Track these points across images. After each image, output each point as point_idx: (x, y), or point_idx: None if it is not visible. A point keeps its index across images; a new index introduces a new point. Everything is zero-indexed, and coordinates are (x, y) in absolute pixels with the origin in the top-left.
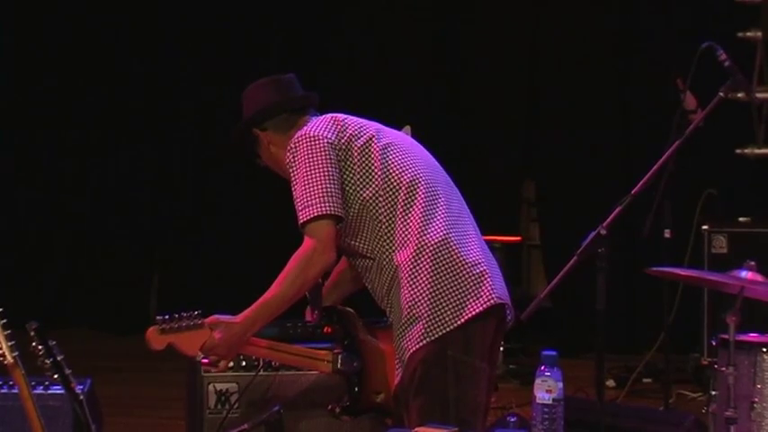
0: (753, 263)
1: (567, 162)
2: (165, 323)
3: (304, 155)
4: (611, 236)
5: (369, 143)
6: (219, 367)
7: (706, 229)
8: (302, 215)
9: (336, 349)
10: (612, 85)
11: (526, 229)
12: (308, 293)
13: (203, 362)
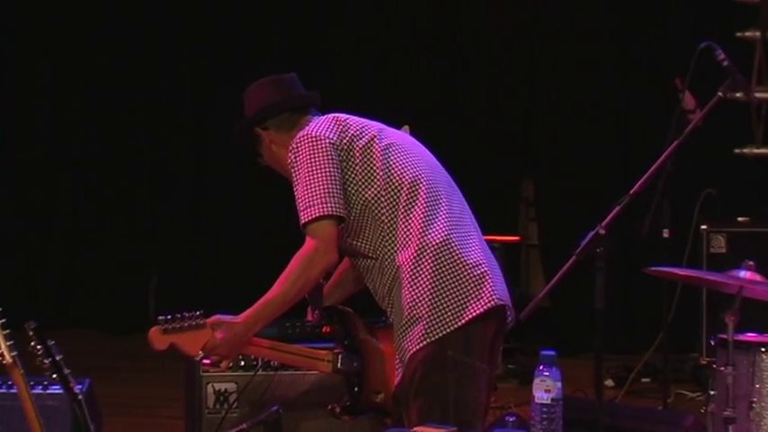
0: (751, 263)
1: (565, 162)
2: (166, 323)
3: (306, 155)
4: (609, 235)
5: (370, 143)
6: (221, 367)
7: (705, 228)
8: (304, 215)
9: (336, 349)
10: (611, 85)
11: (525, 229)
12: (308, 294)
13: (205, 362)
